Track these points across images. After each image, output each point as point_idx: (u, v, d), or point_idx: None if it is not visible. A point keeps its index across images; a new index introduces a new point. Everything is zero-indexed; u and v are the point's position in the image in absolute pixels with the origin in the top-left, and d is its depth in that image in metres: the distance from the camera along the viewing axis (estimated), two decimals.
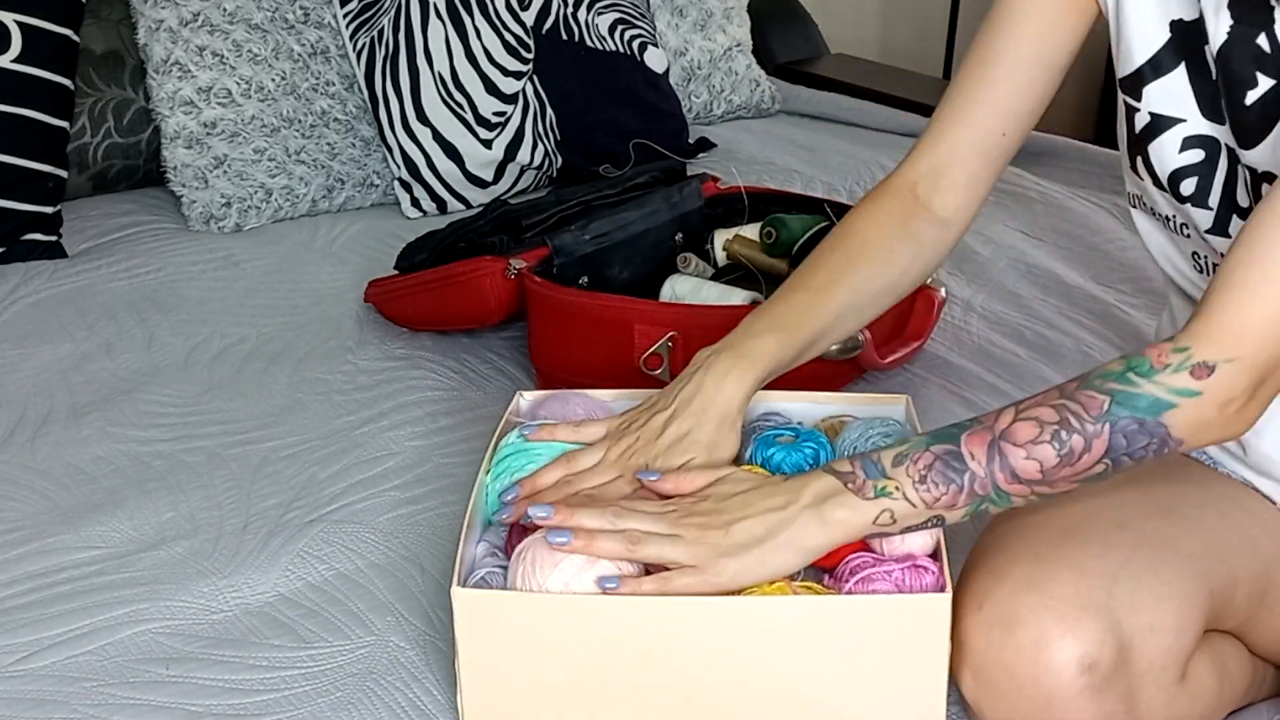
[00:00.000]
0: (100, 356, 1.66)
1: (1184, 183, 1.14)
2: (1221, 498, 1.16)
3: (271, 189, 2.05)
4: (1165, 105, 1.14)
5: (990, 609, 1.02)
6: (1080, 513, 1.08)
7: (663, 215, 1.74)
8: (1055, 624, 0.99)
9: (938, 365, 1.67)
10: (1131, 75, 1.15)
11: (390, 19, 2.10)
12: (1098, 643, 0.99)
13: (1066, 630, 0.99)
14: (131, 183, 2.12)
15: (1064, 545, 1.04)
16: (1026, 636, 1.00)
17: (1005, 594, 1.02)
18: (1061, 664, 0.99)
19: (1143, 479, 1.13)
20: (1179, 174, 1.14)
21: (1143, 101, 1.15)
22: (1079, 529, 1.06)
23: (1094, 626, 0.99)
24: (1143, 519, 1.08)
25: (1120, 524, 1.07)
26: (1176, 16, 1.12)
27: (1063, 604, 1.00)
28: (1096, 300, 1.85)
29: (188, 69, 2.04)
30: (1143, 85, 1.14)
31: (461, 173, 2.11)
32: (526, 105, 2.15)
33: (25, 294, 1.81)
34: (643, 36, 2.29)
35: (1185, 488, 1.15)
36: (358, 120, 2.13)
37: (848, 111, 2.63)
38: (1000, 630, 1.01)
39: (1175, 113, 1.13)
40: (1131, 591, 1.02)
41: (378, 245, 2.00)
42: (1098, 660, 0.99)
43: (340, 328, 1.75)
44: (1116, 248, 2.02)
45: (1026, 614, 1.00)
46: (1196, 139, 1.13)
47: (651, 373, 1.49)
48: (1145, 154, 1.16)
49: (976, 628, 1.02)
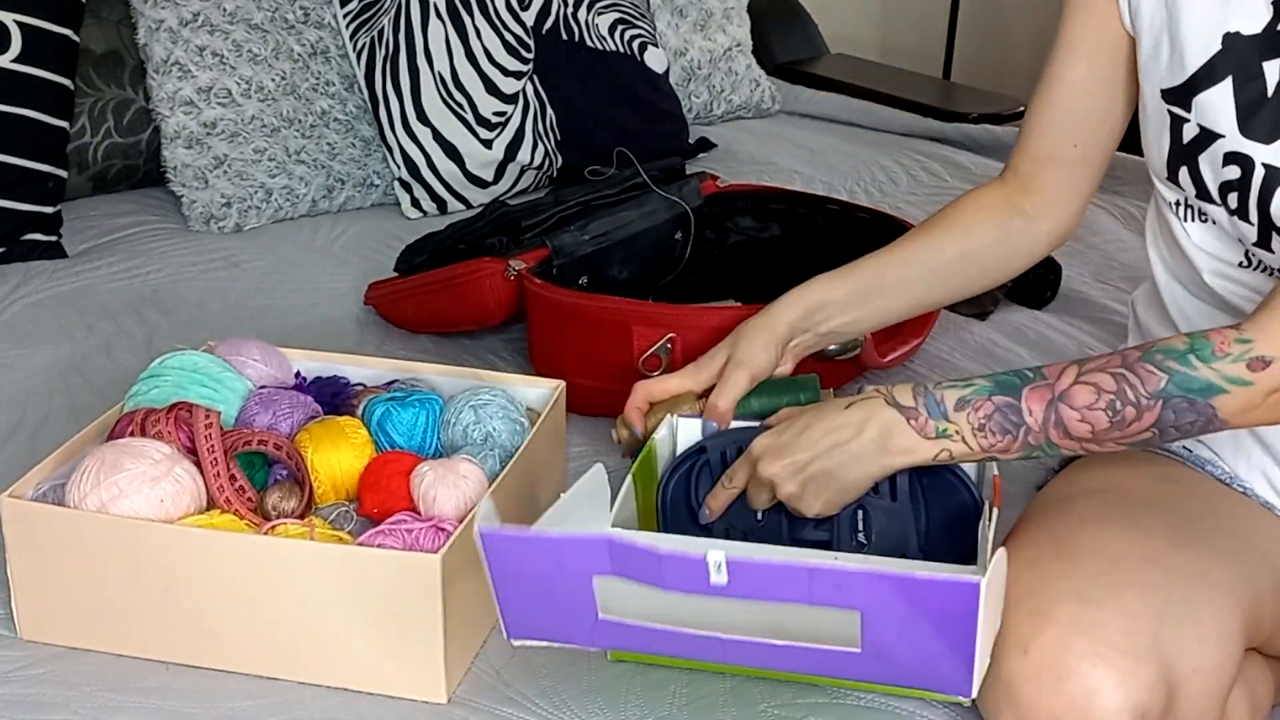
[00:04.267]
0: (100, 356, 1.66)
1: (1230, 196, 1.14)
2: (1233, 516, 1.16)
3: (271, 189, 2.05)
4: (1208, 118, 1.14)
5: (1038, 654, 1.00)
6: (1113, 546, 1.07)
7: (662, 215, 1.74)
8: (1108, 673, 0.98)
9: (938, 365, 1.67)
10: (1183, 85, 1.15)
11: (390, 19, 2.10)
12: (1148, 690, 0.98)
13: (1120, 680, 0.97)
14: (131, 183, 2.12)
15: (1104, 584, 1.03)
16: (1078, 687, 0.98)
17: (1053, 639, 1.00)
18: (1113, 714, 0.98)
19: (1158, 500, 1.13)
20: (1225, 187, 1.14)
21: (1192, 112, 1.15)
22: (1116, 565, 1.04)
23: (1145, 674, 0.98)
24: (1172, 551, 1.07)
25: (1153, 559, 1.05)
26: (1233, 29, 1.12)
27: (1114, 650, 0.98)
28: (1097, 300, 1.85)
29: (188, 69, 2.04)
30: (1193, 95, 1.14)
31: (462, 173, 2.11)
32: (527, 105, 2.15)
33: (25, 294, 1.81)
34: (643, 36, 2.29)
35: (1200, 509, 1.14)
36: (358, 120, 2.13)
37: (848, 111, 2.63)
38: (1050, 678, 0.99)
39: (1216, 127, 1.13)
40: (1175, 636, 1.00)
41: (378, 246, 2.00)
42: (1149, 708, 0.98)
43: (340, 328, 1.75)
44: (1116, 248, 2.02)
45: (1077, 661, 0.98)
46: (1233, 155, 1.13)
47: (650, 374, 1.48)
48: (1194, 165, 1.16)
49: (1024, 674, 1.00)
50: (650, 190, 1.77)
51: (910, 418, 1.10)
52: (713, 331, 1.46)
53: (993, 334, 1.74)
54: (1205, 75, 1.13)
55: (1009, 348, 1.71)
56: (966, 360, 1.67)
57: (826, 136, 2.52)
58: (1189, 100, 1.15)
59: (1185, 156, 1.16)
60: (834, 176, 2.30)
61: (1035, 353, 1.70)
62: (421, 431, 1.30)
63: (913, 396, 1.10)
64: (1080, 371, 1.06)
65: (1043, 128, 1.30)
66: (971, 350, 1.70)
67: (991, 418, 1.07)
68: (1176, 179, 1.18)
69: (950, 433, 1.09)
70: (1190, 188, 1.17)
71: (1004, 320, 1.78)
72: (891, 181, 2.31)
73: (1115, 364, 1.05)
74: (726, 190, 1.84)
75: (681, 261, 1.77)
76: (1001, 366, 1.66)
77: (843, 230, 1.78)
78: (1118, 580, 1.03)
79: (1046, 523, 1.13)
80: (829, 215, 1.80)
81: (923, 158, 2.40)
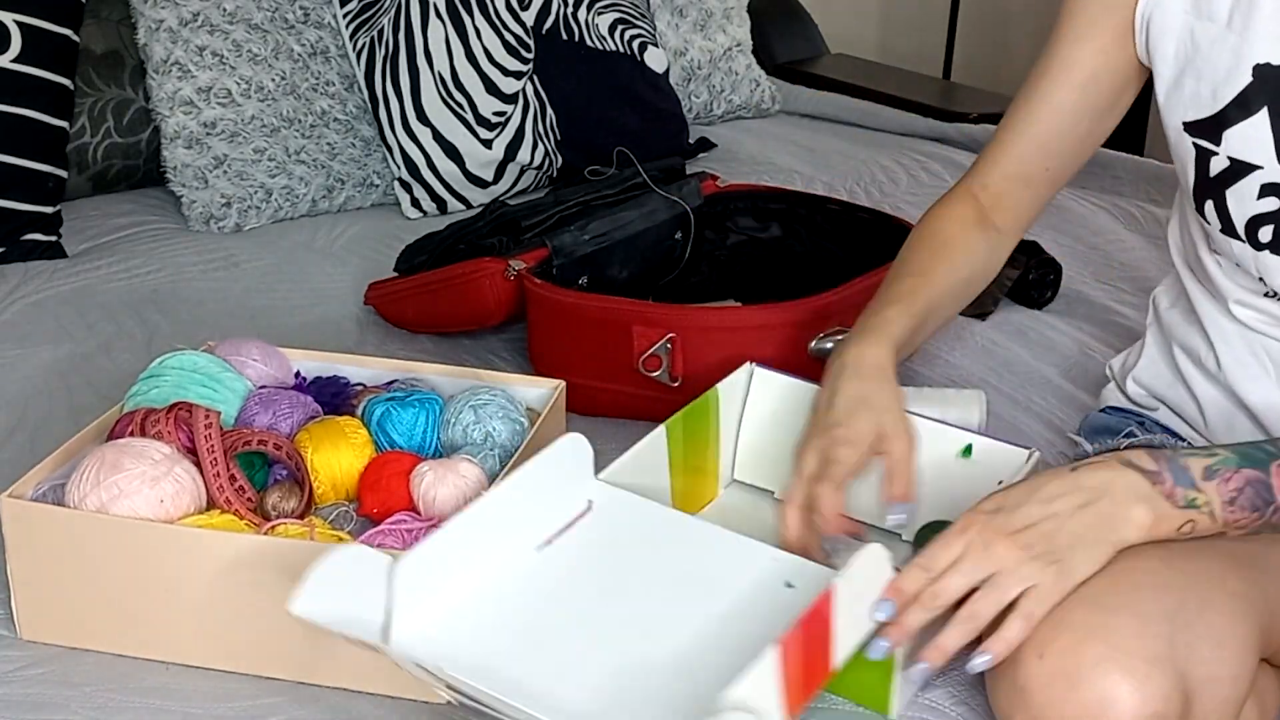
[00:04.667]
0: (100, 356, 1.66)
1: (1262, 229, 1.13)
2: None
3: (271, 189, 2.05)
4: (1244, 151, 1.13)
5: (1052, 660, 0.98)
6: (1130, 552, 1.04)
7: (662, 214, 1.74)
8: (1123, 679, 0.96)
9: (938, 364, 1.66)
10: (1211, 118, 1.14)
11: (390, 19, 2.10)
12: (1164, 699, 0.97)
13: (1136, 687, 0.96)
14: (131, 183, 2.12)
15: (1118, 589, 1.01)
16: (1092, 692, 0.96)
17: (1068, 644, 0.98)
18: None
19: None
20: (1257, 221, 1.13)
21: (1222, 145, 1.14)
22: (1131, 571, 1.03)
23: (1161, 681, 0.97)
24: (1186, 558, 1.05)
25: (1167, 564, 1.04)
26: (1263, 60, 1.11)
27: (1129, 657, 0.97)
28: (1097, 300, 1.85)
29: (188, 69, 2.04)
30: (1224, 129, 1.14)
31: (461, 173, 2.11)
32: (527, 105, 2.15)
33: (25, 294, 1.81)
34: (643, 36, 2.29)
35: None
36: (358, 120, 2.13)
37: (848, 111, 2.63)
38: (1064, 684, 0.97)
39: (1253, 159, 1.13)
40: (1189, 643, 0.99)
41: (378, 246, 2.00)
42: (1165, 716, 0.97)
43: (340, 329, 1.75)
44: (1116, 248, 2.02)
45: (1092, 668, 0.97)
46: (1272, 187, 1.12)
47: (650, 374, 1.49)
48: (1221, 199, 1.15)
49: (1039, 679, 0.98)
50: (650, 190, 1.77)
51: (1156, 482, 1.02)
52: (712, 331, 1.46)
53: (993, 334, 1.74)
54: (1238, 108, 1.13)
55: (1009, 348, 1.71)
56: (966, 360, 1.67)
57: (826, 136, 2.52)
58: (1218, 134, 1.14)
59: (1211, 190, 1.16)
60: (834, 176, 2.30)
61: (1035, 353, 1.70)
62: (421, 431, 1.30)
63: (1151, 460, 1.02)
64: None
65: (1020, 148, 1.29)
66: (972, 350, 1.70)
67: (1243, 491, 1.02)
68: (1202, 212, 1.18)
69: (1199, 503, 1.02)
70: (1216, 222, 1.16)
71: (1004, 320, 1.78)
72: (891, 181, 2.31)
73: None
74: (726, 190, 1.84)
75: (681, 261, 1.77)
76: (1002, 366, 1.66)
77: (843, 230, 1.78)
78: (1132, 585, 1.02)
79: None
80: (829, 215, 1.80)
81: (923, 158, 2.40)
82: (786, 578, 1.07)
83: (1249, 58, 1.12)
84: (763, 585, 1.06)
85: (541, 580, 1.07)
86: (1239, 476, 1.02)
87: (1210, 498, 1.01)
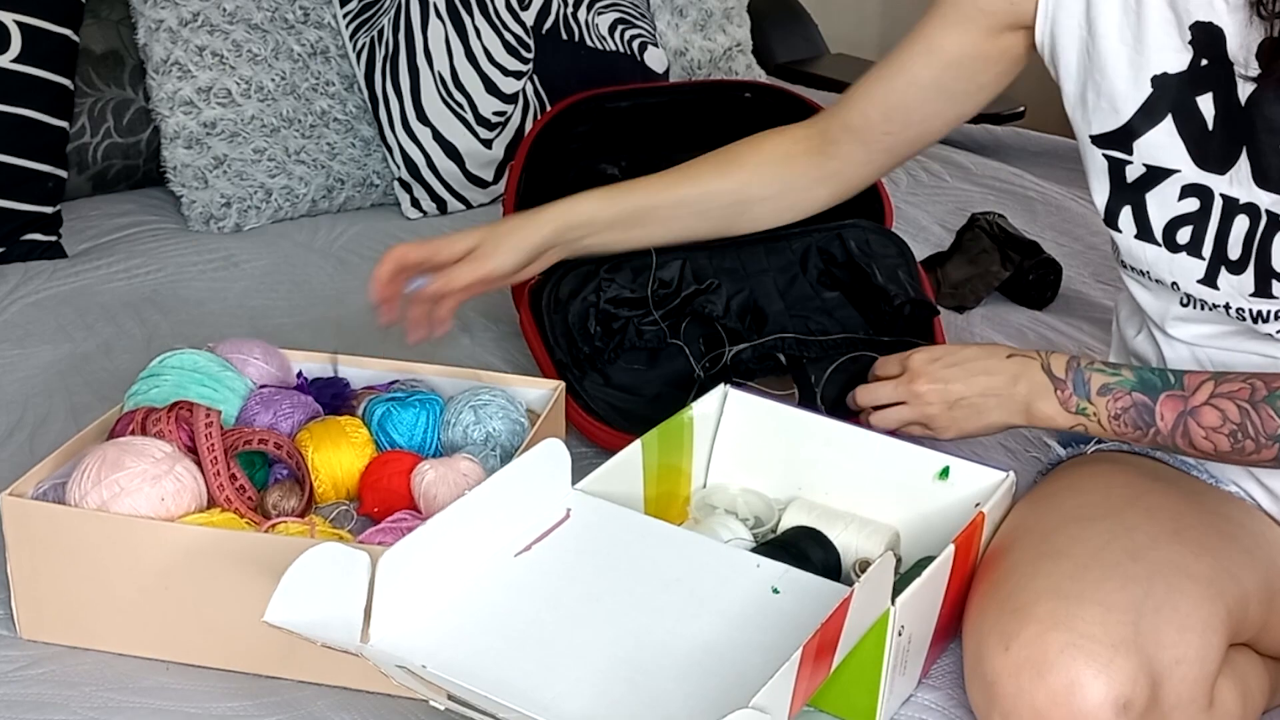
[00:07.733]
0: (100, 357, 1.66)
1: (1180, 231, 1.15)
2: (1216, 513, 1.16)
3: (271, 189, 2.05)
4: (1158, 157, 1.15)
5: (1018, 650, 1.00)
6: (1094, 542, 1.07)
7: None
8: (1087, 665, 0.98)
9: None
10: (1119, 130, 1.16)
11: (390, 19, 2.10)
12: (1131, 682, 0.98)
13: (1100, 671, 0.97)
14: (131, 183, 2.12)
15: (1084, 579, 1.03)
16: (1059, 680, 0.98)
17: (1033, 635, 1.00)
18: (1096, 706, 0.97)
19: (1141, 497, 1.14)
20: (1175, 222, 1.15)
21: (1135, 154, 1.16)
22: (1095, 561, 1.05)
23: (1126, 665, 0.98)
24: (1151, 546, 1.07)
25: (1133, 554, 1.06)
26: (1158, 71, 1.13)
27: (1093, 643, 0.98)
28: (1097, 300, 1.85)
29: (187, 69, 2.04)
30: (1134, 139, 1.16)
31: (462, 173, 2.11)
32: (527, 105, 2.15)
33: (25, 294, 1.81)
34: (643, 36, 2.29)
35: (1182, 506, 1.15)
36: (358, 120, 2.13)
37: None
38: (1030, 673, 0.99)
39: (1169, 164, 1.14)
40: (1154, 626, 1.00)
41: (378, 246, 2.00)
42: (1132, 699, 0.98)
43: (340, 328, 1.75)
44: None
45: (1057, 655, 0.98)
46: (1192, 188, 1.14)
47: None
48: (1140, 204, 1.17)
49: (1005, 670, 1.00)
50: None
51: (1059, 388, 1.19)
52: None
53: (993, 334, 1.74)
54: (1143, 118, 1.15)
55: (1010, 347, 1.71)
56: None
57: None
58: (1129, 144, 1.16)
59: (1130, 195, 1.17)
60: None
61: None
62: (422, 431, 1.30)
63: (1065, 369, 1.19)
64: (1213, 392, 1.11)
65: (866, 104, 1.33)
66: None
67: (1127, 411, 1.15)
68: (1116, 223, 1.19)
69: (1088, 412, 1.18)
70: (1131, 228, 1.18)
71: (1004, 320, 1.78)
72: (891, 181, 2.30)
73: (1244, 394, 1.10)
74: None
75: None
76: None
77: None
78: (1097, 575, 1.03)
79: (1031, 521, 1.14)
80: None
81: (922, 158, 2.39)
82: (772, 584, 1.07)
83: (1145, 69, 1.13)
84: (749, 592, 1.06)
85: (523, 585, 1.06)
86: (1127, 398, 1.16)
87: (1099, 410, 1.17)
